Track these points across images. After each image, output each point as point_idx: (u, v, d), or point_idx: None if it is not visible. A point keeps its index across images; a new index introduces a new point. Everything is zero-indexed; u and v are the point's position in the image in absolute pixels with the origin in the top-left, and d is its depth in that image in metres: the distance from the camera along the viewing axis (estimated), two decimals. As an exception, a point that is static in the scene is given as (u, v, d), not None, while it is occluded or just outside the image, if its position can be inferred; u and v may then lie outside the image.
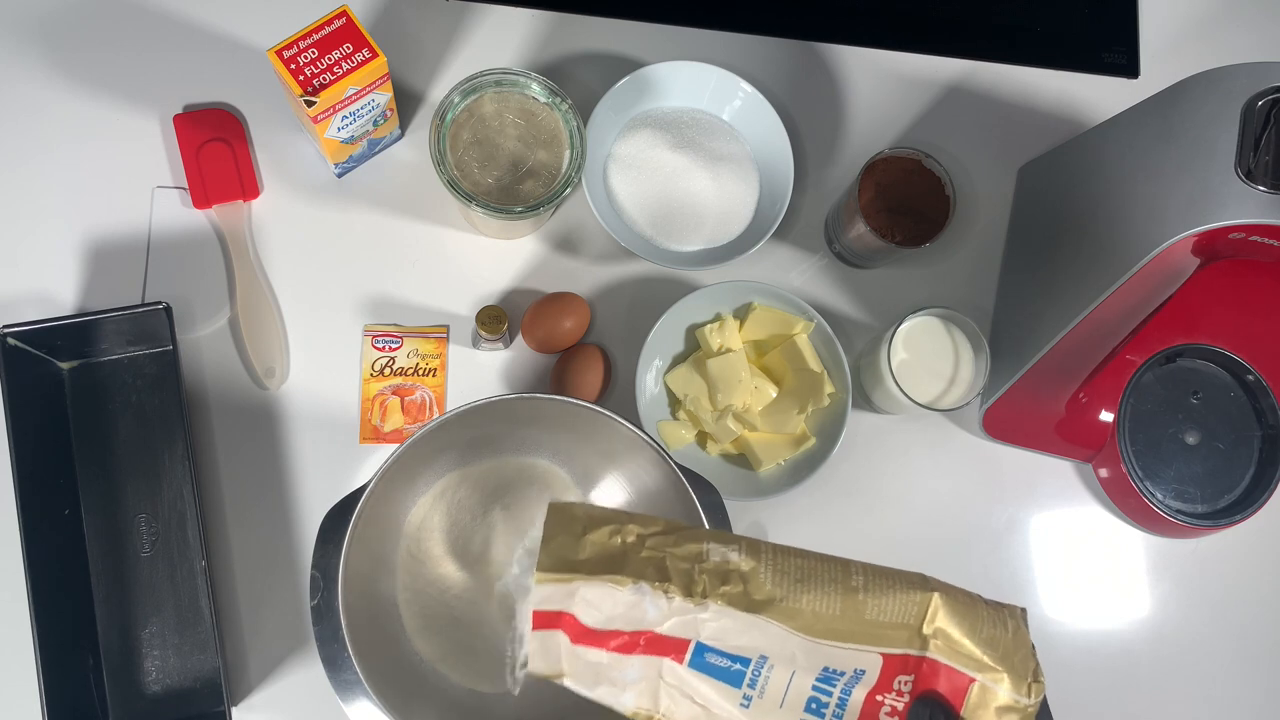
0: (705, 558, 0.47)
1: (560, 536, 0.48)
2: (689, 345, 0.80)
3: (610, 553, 0.47)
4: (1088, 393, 0.79)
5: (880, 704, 0.45)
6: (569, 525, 0.48)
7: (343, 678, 0.59)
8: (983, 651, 0.45)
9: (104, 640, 0.71)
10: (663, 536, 0.48)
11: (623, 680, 0.46)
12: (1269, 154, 0.60)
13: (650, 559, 0.47)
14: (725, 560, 0.47)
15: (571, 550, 0.47)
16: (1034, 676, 0.45)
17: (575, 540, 0.47)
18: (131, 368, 0.74)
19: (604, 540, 0.48)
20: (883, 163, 0.76)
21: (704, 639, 0.45)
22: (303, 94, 0.67)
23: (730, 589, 0.46)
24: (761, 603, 0.46)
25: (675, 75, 0.80)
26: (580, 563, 0.47)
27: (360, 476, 0.76)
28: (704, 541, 0.48)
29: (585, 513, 0.49)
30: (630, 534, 0.48)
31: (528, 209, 0.71)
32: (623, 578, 0.46)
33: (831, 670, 0.45)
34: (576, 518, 0.49)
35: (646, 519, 0.49)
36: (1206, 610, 0.82)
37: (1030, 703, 0.45)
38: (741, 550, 0.47)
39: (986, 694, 0.45)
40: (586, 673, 0.46)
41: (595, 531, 0.48)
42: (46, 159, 0.77)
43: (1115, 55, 0.88)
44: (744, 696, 0.45)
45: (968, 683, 0.45)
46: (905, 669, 0.45)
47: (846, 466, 0.80)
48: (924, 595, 0.46)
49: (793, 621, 0.45)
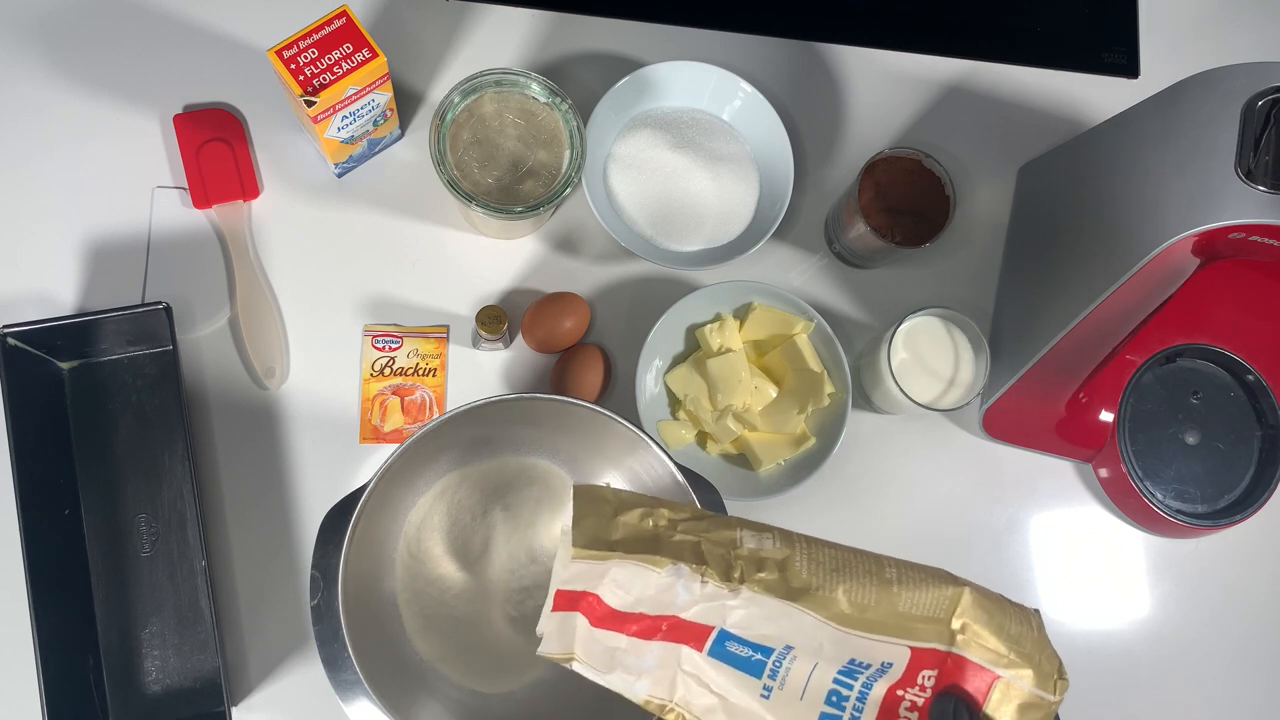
0: (739, 544, 0.47)
1: (591, 517, 0.47)
2: (689, 345, 0.80)
3: (643, 534, 0.47)
4: (1088, 393, 0.79)
5: (901, 699, 0.44)
6: (599, 506, 0.48)
7: (343, 678, 0.59)
8: (1009, 648, 0.45)
9: (104, 640, 0.71)
10: (695, 522, 0.48)
11: (639, 667, 0.45)
12: (1269, 154, 0.60)
13: (685, 543, 0.47)
14: (760, 547, 0.47)
15: (605, 530, 0.47)
16: (1059, 674, 0.45)
17: (607, 521, 0.47)
18: (131, 368, 0.74)
19: (635, 522, 0.47)
20: (883, 163, 0.76)
21: (728, 626, 0.45)
22: (303, 94, 0.67)
23: (767, 576, 0.46)
24: (798, 590, 0.45)
25: (675, 75, 0.80)
26: (616, 542, 0.46)
27: (360, 476, 0.76)
28: (736, 529, 0.48)
29: (614, 495, 0.49)
30: (661, 518, 0.48)
31: (528, 209, 0.71)
32: (661, 558, 0.46)
33: (857, 662, 0.45)
34: (606, 499, 0.48)
35: (675, 505, 0.49)
36: (1206, 610, 0.82)
37: (1055, 700, 0.45)
38: (776, 539, 0.47)
39: (1010, 690, 0.44)
40: (601, 657, 0.46)
41: (627, 513, 0.48)
42: (46, 159, 0.77)
43: (1115, 55, 0.88)
44: (764, 687, 0.45)
45: (992, 679, 0.44)
46: (931, 663, 0.45)
47: (846, 467, 0.80)
48: (955, 590, 0.46)
49: (827, 611, 0.45)
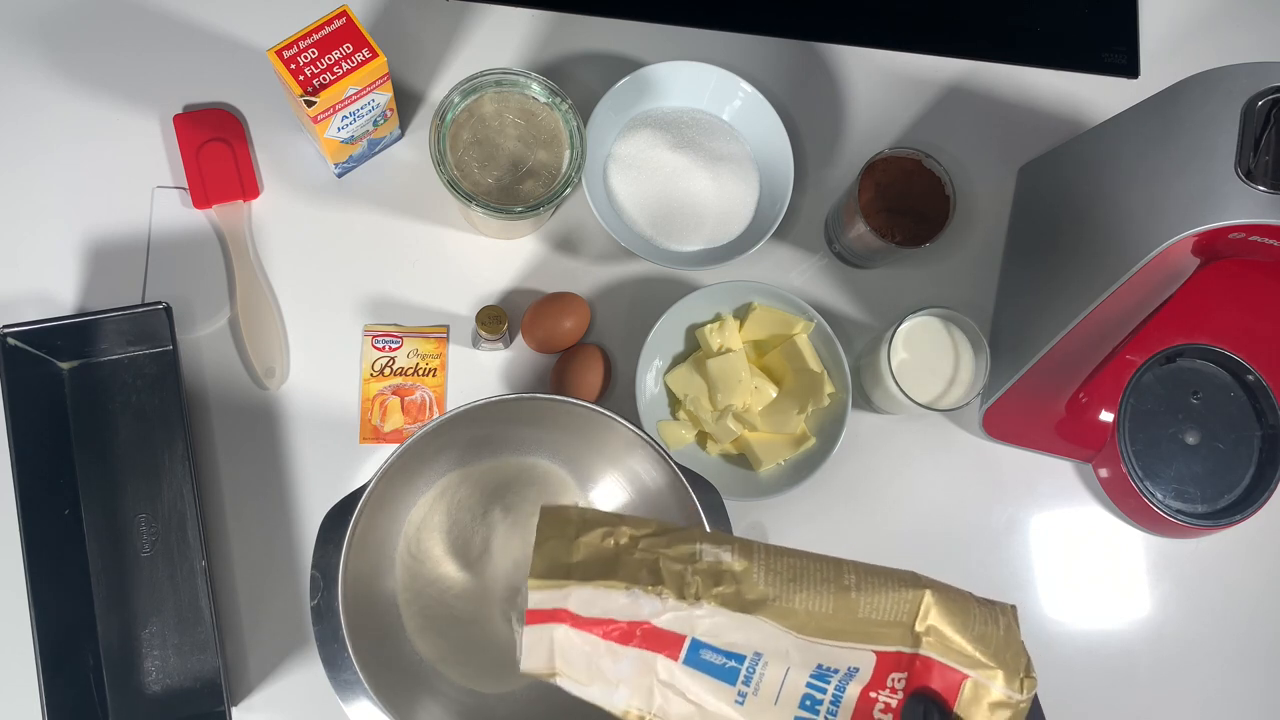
0: (698, 558, 0.47)
1: (553, 540, 0.48)
2: (689, 345, 0.80)
3: (603, 555, 0.47)
4: (1088, 393, 0.79)
5: (874, 700, 0.45)
6: (562, 528, 0.48)
7: (343, 678, 0.59)
8: (975, 648, 0.45)
9: (104, 640, 0.71)
10: (655, 538, 0.48)
11: (616, 673, 0.46)
12: (1269, 154, 0.60)
13: (643, 561, 0.47)
14: (718, 561, 0.47)
15: (565, 554, 0.47)
16: (1026, 672, 0.45)
17: (568, 543, 0.48)
18: (131, 368, 0.74)
19: (597, 543, 0.48)
20: (883, 163, 0.76)
21: (698, 635, 0.45)
22: (303, 94, 0.67)
23: (723, 589, 0.46)
24: (754, 602, 0.46)
25: (675, 75, 0.80)
26: (573, 566, 0.47)
27: (360, 476, 0.76)
28: (697, 542, 0.48)
29: (579, 515, 0.49)
30: (623, 536, 0.48)
31: (528, 209, 0.71)
32: (616, 582, 0.46)
33: (825, 668, 0.45)
34: (570, 520, 0.49)
35: (639, 520, 0.49)
36: (1206, 610, 0.82)
37: (1023, 698, 0.45)
38: (734, 551, 0.47)
39: (979, 690, 0.45)
40: (580, 665, 0.46)
41: (588, 534, 0.48)
42: (46, 159, 0.77)
43: (1115, 55, 0.88)
44: (739, 694, 0.45)
45: (960, 679, 0.45)
46: (899, 666, 0.45)
47: (846, 467, 0.80)
48: (915, 593, 0.46)
49: (786, 620, 0.45)
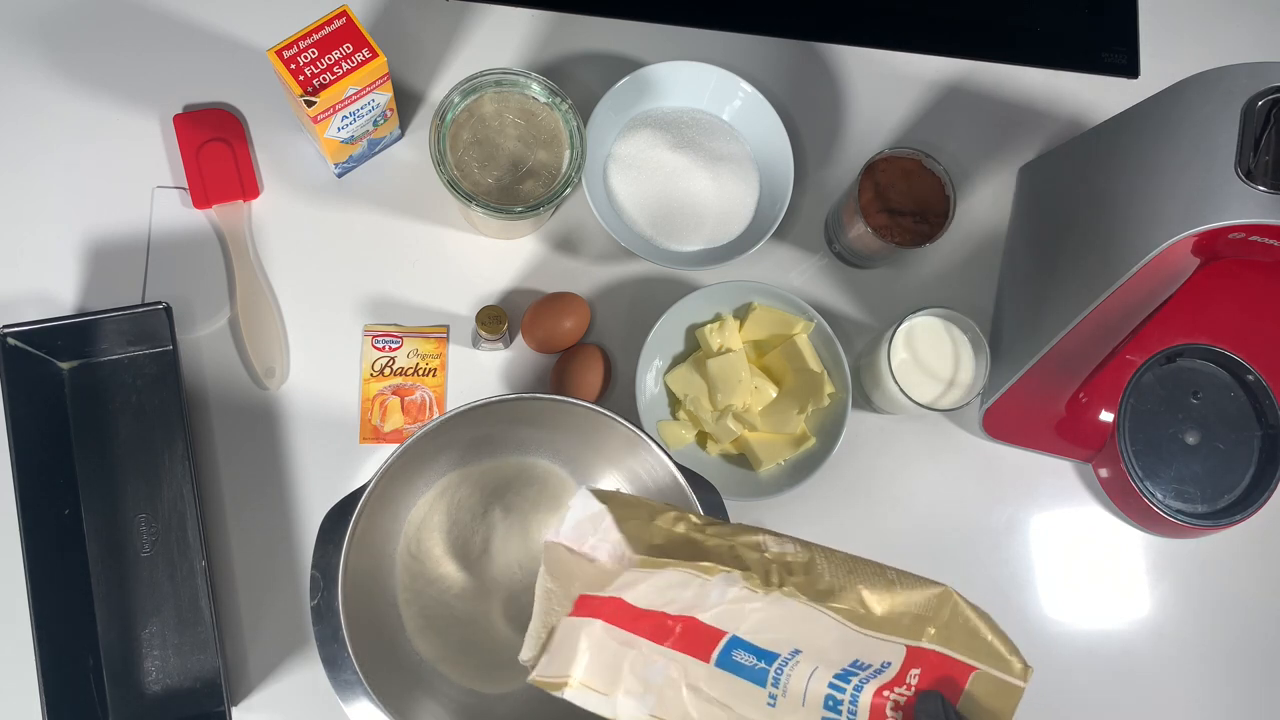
0: (764, 548, 0.48)
1: (632, 521, 0.48)
2: (689, 345, 0.80)
3: (678, 540, 0.47)
4: (1088, 393, 0.79)
5: (886, 699, 0.46)
6: (634, 510, 0.48)
7: (343, 678, 0.59)
8: (983, 640, 0.47)
9: (104, 640, 0.71)
10: (719, 527, 0.49)
11: (645, 679, 0.45)
12: (1269, 154, 0.60)
13: (722, 548, 0.47)
14: (783, 552, 0.48)
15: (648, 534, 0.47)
16: (1024, 662, 0.47)
17: (648, 525, 0.48)
18: (131, 368, 0.74)
19: (668, 527, 0.48)
20: (883, 163, 0.76)
21: (742, 632, 0.46)
22: (303, 94, 0.67)
23: (797, 579, 0.47)
24: (824, 592, 0.47)
25: (675, 75, 0.80)
26: (661, 548, 0.47)
27: (360, 476, 0.76)
28: (759, 534, 0.49)
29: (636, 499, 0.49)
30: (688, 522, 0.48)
31: (528, 209, 0.71)
32: (712, 565, 0.46)
33: (859, 664, 0.46)
34: (638, 503, 0.49)
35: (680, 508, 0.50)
36: (1206, 610, 0.82)
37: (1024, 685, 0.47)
38: (795, 544, 0.49)
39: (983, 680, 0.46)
40: (607, 669, 0.46)
41: (659, 517, 0.48)
42: (46, 159, 0.77)
43: (1115, 55, 0.88)
44: (769, 696, 0.46)
45: (970, 671, 0.46)
46: (919, 662, 0.46)
47: (846, 467, 0.80)
48: (937, 589, 0.47)
49: (850, 611, 0.46)
